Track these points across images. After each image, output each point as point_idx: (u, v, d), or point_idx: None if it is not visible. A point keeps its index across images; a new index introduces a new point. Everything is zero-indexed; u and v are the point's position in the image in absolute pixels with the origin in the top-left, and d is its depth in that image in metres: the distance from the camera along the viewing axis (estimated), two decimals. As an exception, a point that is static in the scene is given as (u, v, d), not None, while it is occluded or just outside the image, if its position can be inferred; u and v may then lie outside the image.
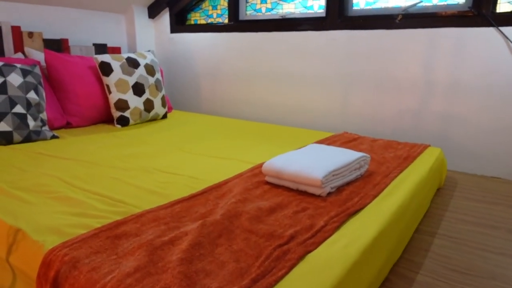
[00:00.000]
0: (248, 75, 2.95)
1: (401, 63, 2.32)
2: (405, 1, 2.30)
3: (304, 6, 2.67)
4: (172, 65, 3.37)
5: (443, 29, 2.17)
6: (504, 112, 2.08)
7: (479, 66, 2.11)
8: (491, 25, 2.03)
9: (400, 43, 2.30)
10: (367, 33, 2.39)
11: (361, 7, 2.45)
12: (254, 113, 3.00)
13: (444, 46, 2.18)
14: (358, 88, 2.50)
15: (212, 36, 3.06)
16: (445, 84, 2.22)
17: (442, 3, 2.20)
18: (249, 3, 2.93)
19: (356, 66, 2.47)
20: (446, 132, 2.27)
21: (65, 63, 2.44)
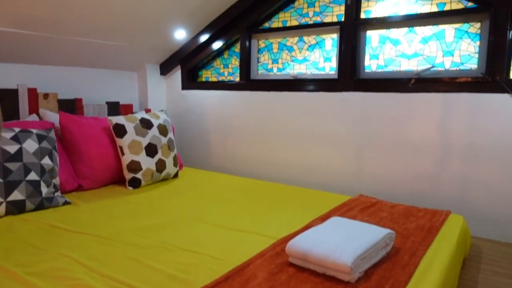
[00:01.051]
0: (260, 133, 2.96)
1: (416, 126, 2.33)
2: (416, 65, 2.34)
3: (316, 68, 2.72)
4: (183, 121, 3.39)
5: (457, 94, 2.18)
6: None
7: (496, 131, 2.10)
8: (506, 91, 2.05)
9: (414, 107, 2.31)
10: (380, 96, 2.42)
11: (373, 70, 2.50)
12: (265, 170, 2.97)
13: (459, 111, 2.19)
14: (372, 149, 2.49)
15: (223, 94, 3.10)
16: (462, 148, 2.21)
17: (455, 68, 2.23)
18: (261, 63, 2.99)
19: (369, 127, 2.48)
20: (465, 196, 2.22)
21: (80, 125, 2.45)
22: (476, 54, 2.16)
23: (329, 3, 2.60)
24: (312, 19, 2.68)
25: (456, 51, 2.22)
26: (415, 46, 2.34)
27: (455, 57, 2.23)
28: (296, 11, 2.74)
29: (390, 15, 2.37)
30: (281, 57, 2.88)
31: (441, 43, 2.26)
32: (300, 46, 2.78)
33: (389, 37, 2.42)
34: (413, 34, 2.34)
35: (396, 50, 2.40)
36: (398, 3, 2.35)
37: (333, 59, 2.64)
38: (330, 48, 2.64)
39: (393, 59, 2.42)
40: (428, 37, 2.29)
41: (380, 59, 2.46)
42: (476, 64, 2.16)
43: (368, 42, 2.49)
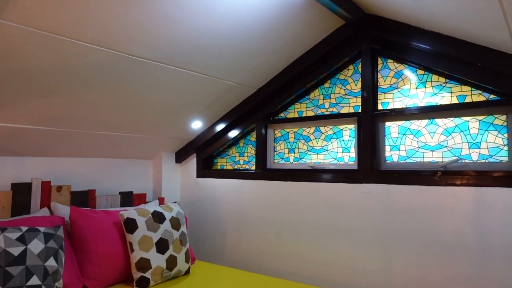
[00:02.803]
0: (277, 225, 2.80)
1: (447, 223, 2.15)
2: (441, 157, 2.24)
3: (334, 158, 2.65)
4: (197, 210, 3.28)
5: (490, 189, 2.04)
6: None
7: (539, 229, 1.92)
8: (543, 186, 1.90)
9: (443, 201, 2.16)
10: (405, 188, 2.29)
11: (395, 161, 2.40)
12: (283, 266, 2.75)
13: (494, 207, 2.03)
14: (400, 247, 2.29)
15: (238, 183, 3.02)
16: (503, 250, 2.00)
17: (483, 160, 2.12)
18: (277, 152, 2.95)
19: (396, 223, 2.31)
20: (513, 303, 1.96)
21: (90, 220, 2.35)
22: (505, 146, 2.06)
23: (345, 95, 2.61)
24: (329, 110, 2.67)
25: (483, 143, 2.12)
26: (437, 137, 2.26)
27: (482, 149, 2.12)
28: (311, 102, 2.76)
29: (409, 106, 2.34)
30: (297, 147, 2.83)
31: (465, 134, 2.18)
32: (317, 136, 2.74)
33: (410, 128, 2.36)
34: (434, 125, 2.28)
35: (418, 142, 2.33)
36: (416, 95, 2.33)
37: (351, 150, 2.57)
38: (348, 138, 2.59)
39: (415, 150, 2.33)
40: (451, 128, 2.22)
41: (402, 150, 2.38)
42: (507, 156, 2.05)
43: (387, 133, 2.44)
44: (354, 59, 2.57)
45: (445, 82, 2.24)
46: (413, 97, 2.35)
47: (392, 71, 2.43)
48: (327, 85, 2.69)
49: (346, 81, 2.61)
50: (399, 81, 2.40)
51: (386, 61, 2.46)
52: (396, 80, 2.41)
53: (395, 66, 2.42)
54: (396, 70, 2.42)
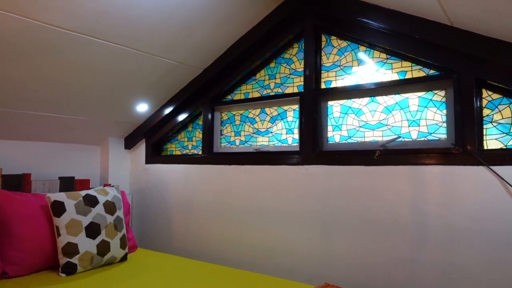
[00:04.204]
0: (223, 211, 2.68)
1: (385, 203, 2.05)
2: (381, 136, 2.14)
3: (278, 140, 2.54)
4: (146, 197, 3.15)
5: (427, 167, 1.94)
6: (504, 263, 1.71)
7: (474, 209, 1.81)
8: (481, 163, 1.80)
9: (381, 181, 2.06)
10: (344, 169, 2.18)
11: (336, 141, 2.30)
12: (227, 252, 2.63)
13: (431, 186, 1.93)
14: (339, 229, 2.18)
15: (186, 168, 2.90)
16: (438, 229, 1.90)
17: (422, 138, 2.02)
18: (224, 136, 2.83)
19: (335, 205, 2.20)
20: (445, 283, 1.86)
21: (15, 203, 2.21)
22: (443, 123, 1.96)
23: (289, 75, 2.50)
24: (274, 91, 2.56)
25: (422, 121, 2.02)
26: (378, 116, 2.16)
27: (421, 127, 2.02)
28: (257, 83, 2.65)
29: (351, 85, 2.24)
30: (243, 129, 2.72)
31: (405, 112, 2.07)
32: (262, 118, 2.63)
33: (351, 107, 2.25)
34: (375, 103, 2.17)
35: (359, 121, 2.22)
36: (358, 72, 2.23)
37: (295, 131, 2.46)
38: (292, 119, 2.48)
39: (357, 129, 2.23)
40: (391, 106, 2.12)
41: (343, 130, 2.27)
42: (445, 134, 1.95)
43: (330, 113, 2.33)
44: (298, 37, 2.46)
45: (386, 58, 2.14)
46: (355, 75, 2.24)
47: (335, 49, 2.33)
48: (273, 64, 2.58)
49: (291, 60, 2.50)
50: (341, 59, 2.30)
51: (329, 38, 2.35)
52: (339, 57, 2.31)
53: (338, 43, 2.32)
54: (339, 48, 2.31)
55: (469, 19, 1.70)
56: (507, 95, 1.81)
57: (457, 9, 1.66)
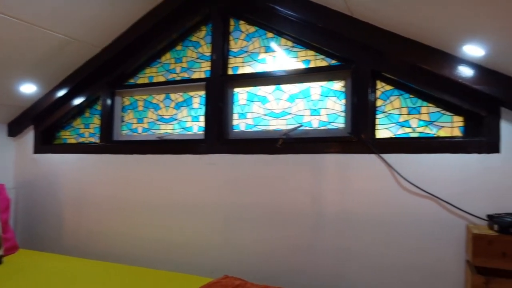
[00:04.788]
0: (122, 204, 2.46)
1: (287, 192, 2.04)
2: (285, 125, 2.13)
3: (183, 127, 2.40)
4: (33, 192, 2.77)
5: (326, 155, 1.97)
6: (395, 245, 1.81)
7: (368, 196, 1.88)
8: (372, 151, 1.87)
9: (284, 170, 2.05)
10: (249, 158, 2.13)
11: (242, 129, 2.23)
12: (125, 250, 2.43)
13: (329, 174, 1.96)
14: (243, 219, 2.13)
15: (81, 158, 2.61)
16: (335, 216, 1.94)
17: (323, 127, 2.04)
18: (125, 122, 2.60)
19: (239, 195, 2.14)
20: (342, 268, 1.91)
21: None
22: (342, 113, 2.01)
23: (196, 59, 2.37)
24: (180, 75, 2.42)
25: (323, 110, 2.05)
26: (283, 104, 2.14)
27: (322, 116, 2.05)
28: (163, 66, 2.47)
29: (258, 72, 2.19)
30: (146, 116, 2.52)
31: (307, 101, 2.09)
32: (167, 104, 2.46)
33: (257, 95, 2.21)
34: (280, 91, 2.15)
35: (264, 109, 2.18)
36: (265, 59, 2.19)
37: (201, 118, 2.34)
38: (197, 106, 2.36)
39: (262, 118, 2.19)
40: (295, 94, 2.12)
41: (249, 118, 2.22)
42: (344, 123, 2.00)
43: (236, 100, 2.26)
44: (206, 19, 2.35)
45: (292, 46, 2.13)
46: (262, 62, 2.20)
47: (243, 33, 2.26)
48: (179, 47, 2.43)
49: (199, 44, 2.37)
50: (249, 44, 2.24)
51: (238, 23, 2.28)
52: (247, 43, 2.25)
53: (246, 28, 2.26)
54: (247, 33, 2.25)
55: (368, 10, 1.74)
56: (398, 87, 1.91)
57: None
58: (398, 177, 1.83)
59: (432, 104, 1.85)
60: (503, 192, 1.68)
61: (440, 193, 1.76)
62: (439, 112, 1.83)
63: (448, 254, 1.74)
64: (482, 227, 1.62)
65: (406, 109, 1.89)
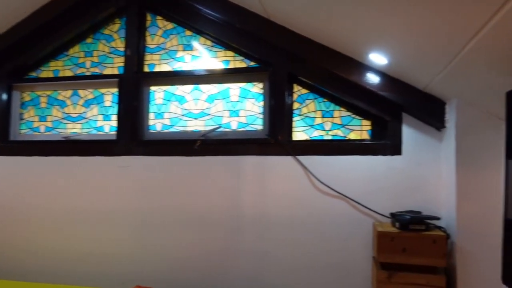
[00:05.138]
0: (16, 212, 2.19)
1: (204, 195, 1.98)
2: (204, 126, 2.07)
3: (94, 127, 2.22)
4: None
5: (245, 157, 1.96)
6: (304, 247, 1.86)
7: (284, 197, 1.91)
8: (289, 153, 1.91)
9: (201, 172, 1.99)
10: (165, 160, 2.04)
11: (158, 130, 2.13)
12: (24, 264, 2.17)
13: (248, 176, 1.95)
14: (158, 225, 2.02)
15: (-31, 160, 2.28)
16: (253, 218, 1.93)
17: (242, 129, 2.03)
18: (24, 120, 2.33)
19: (155, 199, 2.03)
20: (259, 271, 1.91)
21: None
22: (260, 114, 2.01)
23: (109, 53, 2.21)
24: (90, 70, 2.23)
25: (241, 111, 2.04)
26: (201, 104, 2.09)
27: (241, 118, 2.04)
28: (70, 59, 2.26)
29: (176, 70, 2.11)
30: (50, 114, 2.28)
31: (226, 102, 2.06)
32: (74, 101, 2.25)
33: (175, 94, 2.12)
34: (199, 91, 2.10)
35: (182, 109, 2.11)
36: (183, 58, 2.11)
37: (113, 117, 2.18)
38: (110, 104, 2.20)
39: (180, 118, 2.11)
40: (214, 95, 2.08)
41: (166, 118, 2.13)
42: (262, 125, 2.01)
43: (152, 99, 2.15)
44: (121, 12, 2.20)
45: (211, 46, 2.09)
46: (180, 60, 2.12)
47: (160, 30, 2.16)
48: (90, 40, 2.24)
49: (111, 37, 2.21)
50: (167, 41, 2.14)
51: (155, 18, 2.17)
52: (164, 40, 2.15)
53: (164, 25, 2.16)
54: (165, 29, 2.15)
55: (283, 14, 1.76)
56: (314, 91, 1.97)
57: (272, 2, 1.70)
58: (313, 178, 1.88)
59: (344, 108, 1.94)
60: (405, 191, 1.81)
61: (350, 193, 1.85)
62: (350, 116, 1.93)
63: (359, 252, 1.84)
64: (386, 225, 1.74)
65: (320, 112, 1.95)
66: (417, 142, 1.80)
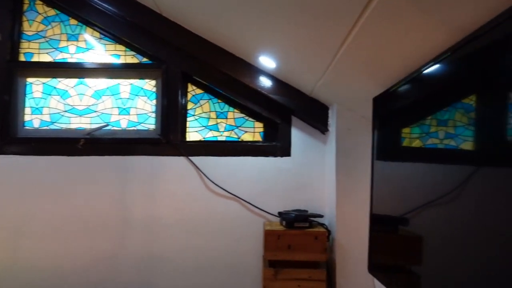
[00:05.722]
0: None
1: (88, 199, 1.83)
2: (89, 123, 1.92)
3: (-47, 121, 1.90)
4: None
5: (135, 158, 1.86)
6: (198, 249, 1.84)
7: (176, 199, 1.85)
8: (182, 154, 1.86)
9: (86, 173, 1.83)
10: (43, 160, 1.83)
11: (36, 126, 1.91)
12: None
13: (138, 177, 1.85)
14: (32, 234, 1.81)
15: None
16: (142, 222, 1.84)
17: (132, 127, 1.92)
18: None
19: (29, 205, 1.81)
20: (149, 276, 1.82)
21: None
22: (153, 113, 1.93)
23: (-25, 37, 1.92)
24: (-50, 55, 1.91)
25: (132, 109, 1.93)
26: (87, 100, 1.93)
27: (132, 116, 1.93)
28: None
29: (57, 61, 1.91)
30: None
31: (116, 98, 1.93)
32: None
33: (56, 88, 1.93)
34: (84, 86, 1.93)
35: (65, 104, 1.92)
36: (67, 48, 1.92)
37: (-22, 111, 1.90)
38: (-26, 95, 1.91)
39: (61, 114, 1.92)
40: (102, 91, 1.93)
41: (45, 113, 1.92)
42: (154, 124, 1.93)
43: (29, 92, 1.92)
44: (-8, -9, 1.92)
45: (99, 38, 1.94)
46: (63, 51, 1.93)
47: (40, 16, 1.94)
48: (-50, 20, 1.92)
49: (-22, 19, 1.92)
50: (48, 29, 1.93)
51: (33, 2, 1.94)
52: (45, 27, 1.93)
53: (44, 10, 1.94)
54: (45, 15, 1.94)
55: (175, 10, 1.71)
56: (208, 91, 1.95)
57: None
58: (205, 179, 1.86)
59: (238, 110, 1.96)
60: (293, 191, 1.90)
61: (243, 193, 1.87)
62: (243, 118, 1.95)
63: (250, 252, 1.87)
64: (275, 224, 1.79)
65: (214, 113, 1.95)
66: (305, 144, 1.90)
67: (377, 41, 1.02)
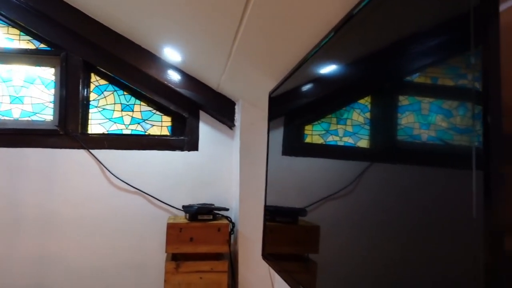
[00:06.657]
0: None
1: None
2: (-25, 112, 1.75)
3: None
4: None
5: (28, 150, 1.72)
6: (99, 247, 1.77)
7: (75, 195, 1.76)
8: (82, 147, 1.77)
9: (-32, 167, 1.67)
10: None
11: None
12: None
13: (32, 171, 1.72)
14: None
15: None
16: (36, 219, 1.71)
17: (26, 118, 1.79)
18: None
19: None
20: (43, 277, 1.71)
21: None
22: (51, 103, 1.81)
23: None
24: None
25: (27, 98, 1.79)
26: (-28, 86, 1.75)
27: (26, 105, 1.79)
28: None
29: None
30: None
31: (7, 86, 1.78)
32: None
33: None
34: (-32, 70, 1.76)
35: None
36: (-51, 28, 1.73)
37: None
38: None
39: None
40: (-10, 77, 1.77)
41: None
42: (52, 115, 1.81)
43: None
44: None
45: (-11, 19, 1.78)
46: None
47: None
48: None
49: None
50: None
51: None
52: None
53: None
54: None
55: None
56: (113, 82, 1.89)
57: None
58: (108, 173, 1.80)
59: (145, 103, 1.92)
60: (201, 185, 1.91)
61: (148, 188, 1.84)
62: (150, 111, 1.92)
63: (155, 247, 1.84)
64: (180, 218, 1.79)
65: (120, 105, 1.89)
66: (213, 138, 1.93)
67: (267, 30, 1.04)
